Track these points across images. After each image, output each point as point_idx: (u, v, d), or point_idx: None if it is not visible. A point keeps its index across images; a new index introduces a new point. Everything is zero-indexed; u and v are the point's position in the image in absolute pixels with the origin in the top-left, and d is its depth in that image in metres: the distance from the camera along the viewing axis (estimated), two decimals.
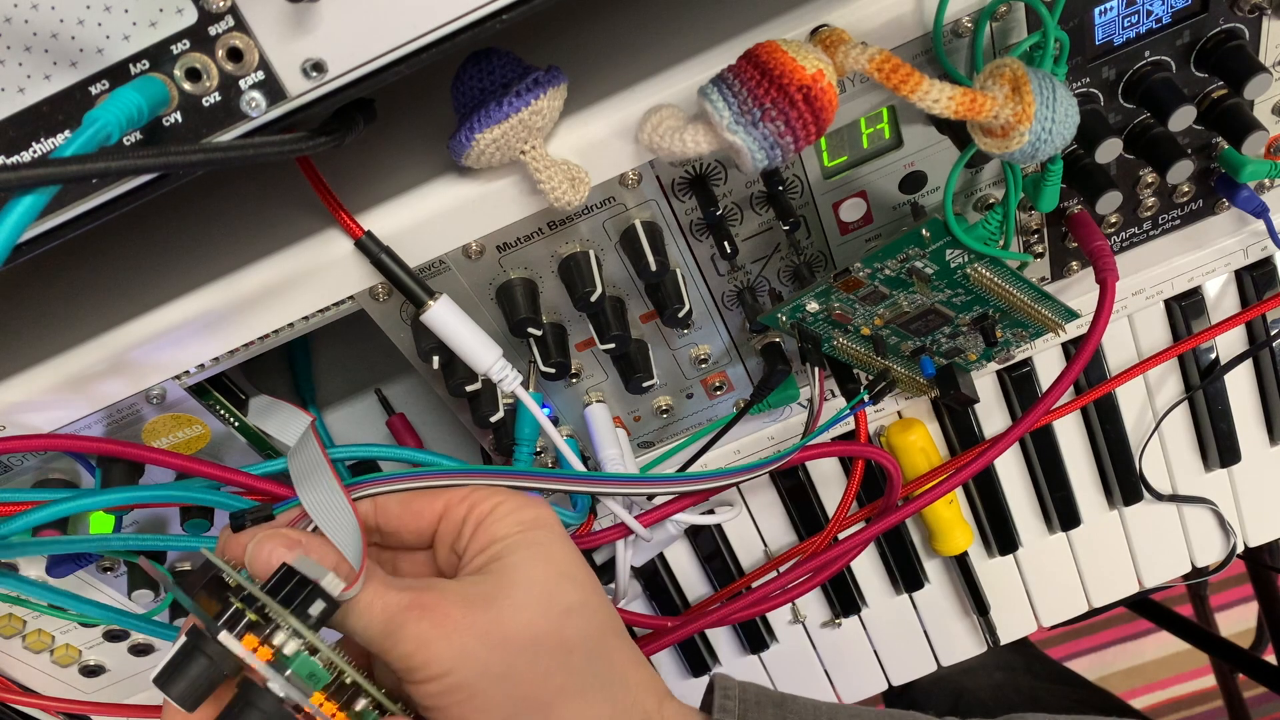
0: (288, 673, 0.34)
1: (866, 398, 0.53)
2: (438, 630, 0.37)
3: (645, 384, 0.51)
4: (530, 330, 0.47)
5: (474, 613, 0.38)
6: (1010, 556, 0.69)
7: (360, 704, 0.37)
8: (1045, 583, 0.70)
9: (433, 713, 0.37)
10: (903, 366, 0.55)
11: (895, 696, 0.90)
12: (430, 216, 0.44)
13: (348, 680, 0.36)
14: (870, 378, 0.56)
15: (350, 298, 0.45)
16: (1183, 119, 0.46)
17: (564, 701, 0.38)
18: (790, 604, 0.69)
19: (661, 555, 0.66)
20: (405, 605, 0.37)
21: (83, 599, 0.51)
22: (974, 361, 0.55)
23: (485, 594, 0.39)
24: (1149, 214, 0.53)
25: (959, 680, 0.89)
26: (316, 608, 0.35)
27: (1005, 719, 0.44)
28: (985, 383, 0.61)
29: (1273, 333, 0.61)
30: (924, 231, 0.45)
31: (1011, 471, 0.65)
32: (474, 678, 0.37)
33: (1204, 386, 0.63)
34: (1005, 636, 0.72)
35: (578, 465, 0.50)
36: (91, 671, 0.60)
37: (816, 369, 0.52)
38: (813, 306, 0.49)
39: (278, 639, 0.34)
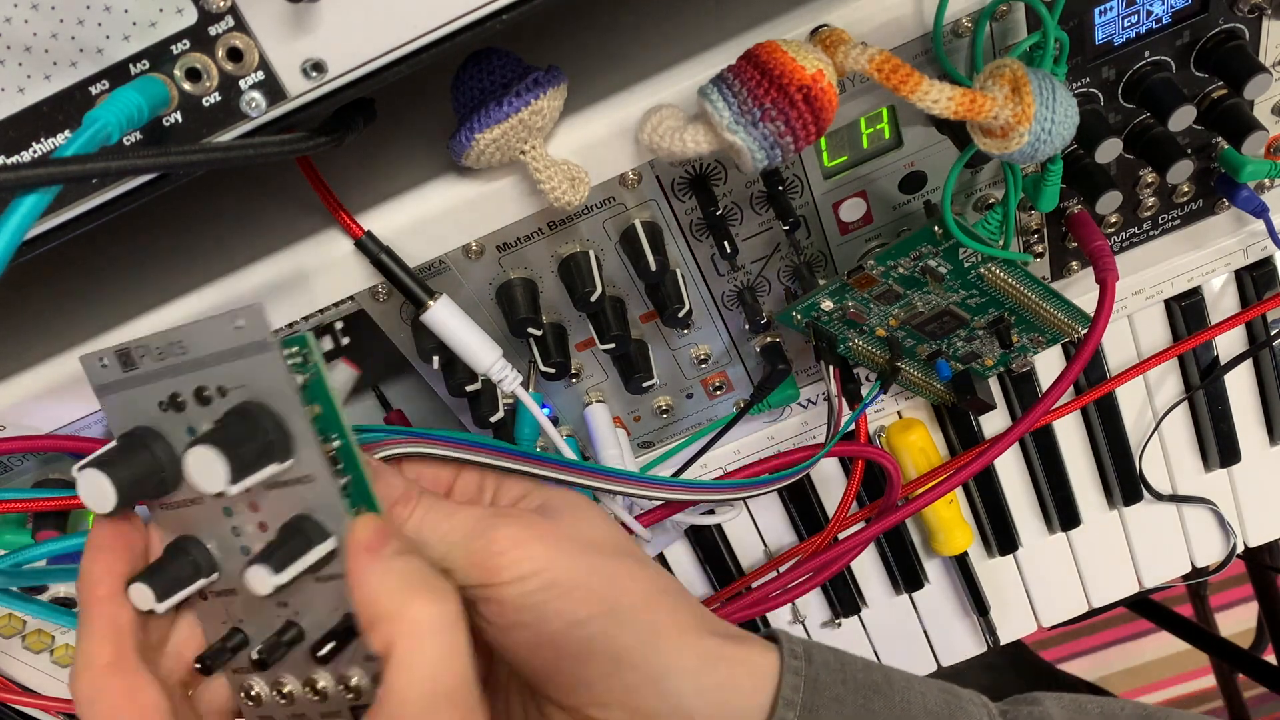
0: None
1: (878, 390, 0.53)
2: (530, 532, 0.37)
3: (645, 384, 0.51)
4: (530, 330, 0.47)
5: (556, 524, 0.38)
6: (1010, 556, 0.69)
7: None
8: (1045, 583, 0.70)
9: (523, 613, 0.37)
10: (919, 371, 0.55)
11: None
12: (430, 216, 0.44)
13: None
14: (874, 376, 0.56)
15: (350, 298, 0.45)
16: (1183, 119, 0.46)
17: (657, 600, 0.38)
18: (790, 604, 0.69)
19: (661, 555, 0.66)
20: (489, 514, 0.38)
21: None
22: (990, 368, 0.55)
23: (555, 514, 0.40)
24: (1149, 214, 0.53)
25: None
26: None
27: (1023, 696, 0.44)
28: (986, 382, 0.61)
29: (1273, 333, 0.61)
30: (936, 229, 0.45)
31: (1011, 471, 0.65)
32: (572, 572, 0.37)
33: (1204, 386, 0.63)
34: (1005, 636, 0.72)
35: None
36: None
37: (832, 367, 0.52)
38: (827, 305, 0.49)
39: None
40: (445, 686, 0.31)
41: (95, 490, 0.33)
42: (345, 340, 0.47)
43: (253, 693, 0.37)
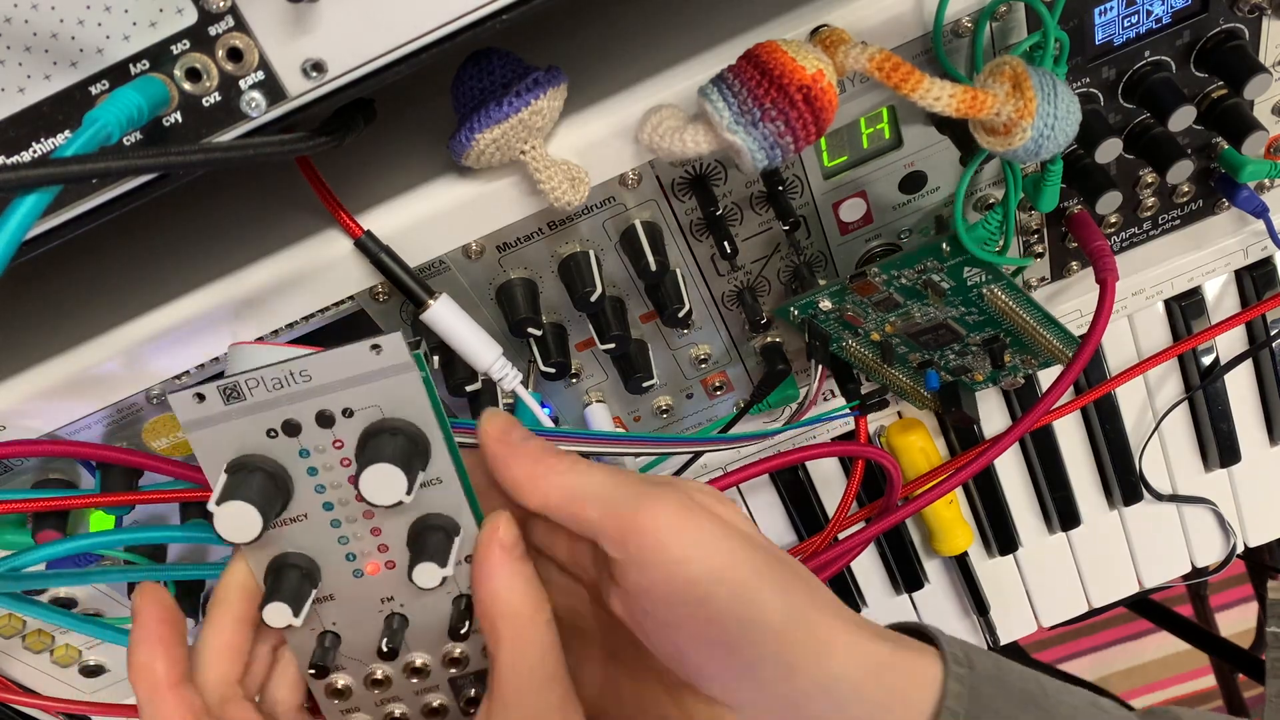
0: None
1: (855, 408, 0.54)
2: (690, 514, 0.35)
3: (645, 384, 0.51)
4: (530, 330, 0.47)
5: (722, 506, 0.37)
6: (1010, 556, 0.69)
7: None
8: (1045, 583, 0.70)
9: (681, 608, 0.34)
10: (908, 377, 0.55)
11: None
12: (430, 216, 0.44)
13: None
14: (869, 379, 0.56)
15: (350, 298, 0.45)
16: (1183, 119, 0.46)
17: (826, 601, 0.36)
18: None
19: None
20: (642, 484, 0.35)
21: (84, 619, 0.52)
22: (980, 383, 0.55)
23: (700, 503, 0.37)
24: (1149, 214, 0.53)
25: None
26: None
27: (1161, 710, 0.41)
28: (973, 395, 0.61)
29: (1273, 333, 0.61)
30: (944, 246, 0.45)
31: (1011, 471, 0.65)
32: (755, 570, 0.34)
33: (1204, 386, 0.63)
34: (1005, 636, 0.72)
35: None
36: (91, 671, 0.60)
37: (820, 366, 0.52)
38: (825, 305, 0.49)
39: None
40: (550, 670, 0.36)
41: (238, 523, 0.34)
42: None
43: (339, 686, 0.40)
